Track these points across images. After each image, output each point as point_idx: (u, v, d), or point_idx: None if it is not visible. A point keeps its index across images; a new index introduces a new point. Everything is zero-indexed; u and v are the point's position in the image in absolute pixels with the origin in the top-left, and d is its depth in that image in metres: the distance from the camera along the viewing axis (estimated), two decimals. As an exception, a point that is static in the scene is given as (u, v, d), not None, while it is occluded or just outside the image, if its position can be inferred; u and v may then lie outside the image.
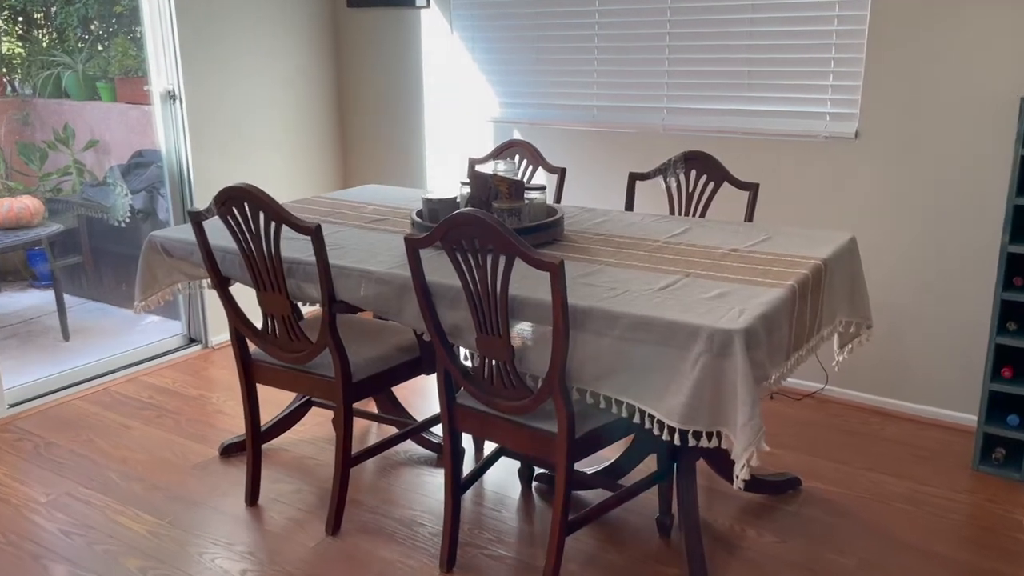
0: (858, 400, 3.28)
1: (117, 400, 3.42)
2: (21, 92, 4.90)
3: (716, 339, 1.77)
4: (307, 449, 3.01)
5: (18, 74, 4.98)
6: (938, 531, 2.46)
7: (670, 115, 3.48)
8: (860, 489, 2.70)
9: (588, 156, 3.69)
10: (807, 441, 3.01)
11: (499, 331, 1.99)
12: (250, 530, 2.50)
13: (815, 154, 3.18)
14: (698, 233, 2.54)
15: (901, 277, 3.10)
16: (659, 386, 1.86)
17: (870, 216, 3.12)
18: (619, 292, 2.00)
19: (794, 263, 2.20)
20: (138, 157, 4.59)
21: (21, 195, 4.38)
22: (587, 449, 2.08)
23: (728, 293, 1.98)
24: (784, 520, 2.53)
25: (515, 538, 2.46)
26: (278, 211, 2.22)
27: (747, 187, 2.84)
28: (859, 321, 2.46)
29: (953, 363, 3.05)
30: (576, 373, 1.96)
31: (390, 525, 2.52)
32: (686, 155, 2.92)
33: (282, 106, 4.16)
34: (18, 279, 5.13)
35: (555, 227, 2.46)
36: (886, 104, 3.01)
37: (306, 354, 2.40)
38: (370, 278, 2.24)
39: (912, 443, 2.98)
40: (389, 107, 4.29)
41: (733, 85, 3.32)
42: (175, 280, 2.72)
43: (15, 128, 4.84)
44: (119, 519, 2.56)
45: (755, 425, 1.75)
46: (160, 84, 3.72)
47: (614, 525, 2.51)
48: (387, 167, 4.39)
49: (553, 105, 3.76)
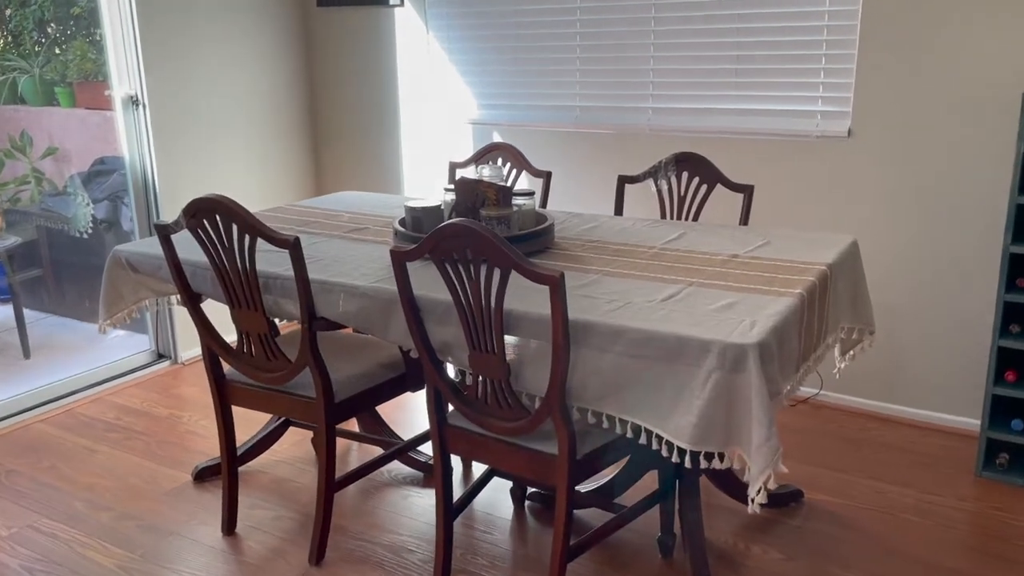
0: (855, 405, 3.20)
1: (82, 422, 3.24)
2: (-26, 98, 4.68)
3: (729, 354, 1.66)
4: (286, 471, 2.86)
5: (-29, 79, 4.76)
6: (945, 543, 2.38)
7: (656, 115, 3.38)
8: (863, 499, 2.61)
9: (571, 158, 3.58)
10: (805, 450, 2.92)
11: (493, 348, 1.86)
12: (227, 562, 2.35)
13: (807, 154, 3.09)
14: (694, 238, 2.43)
15: (898, 278, 3.02)
16: (667, 405, 1.75)
17: (865, 216, 3.04)
18: (620, 304, 1.88)
19: (799, 269, 2.10)
20: (100, 165, 4.39)
21: (-25, 207, 4.17)
22: (589, 470, 1.96)
23: (736, 303, 1.87)
24: (789, 535, 2.44)
25: (509, 563, 2.33)
26: (252, 223, 2.07)
27: (742, 189, 2.74)
28: (862, 327, 2.37)
29: (953, 366, 2.98)
30: (577, 392, 1.85)
31: (377, 552, 2.38)
32: (677, 156, 2.82)
33: (251, 111, 3.99)
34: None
35: (546, 235, 2.34)
36: (880, 101, 2.92)
37: (285, 374, 2.26)
38: (353, 293, 2.10)
39: (913, 449, 2.90)
40: (363, 110, 4.15)
41: (721, 84, 3.22)
42: (142, 297, 2.56)
43: (-32, 136, 4.62)
44: (87, 553, 2.40)
45: (772, 446, 1.64)
46: (121, 89, 3.54)
47: (614, 546, 2.39)
48: (362, 172, 4.24)
49: (534, 106, 3.65)
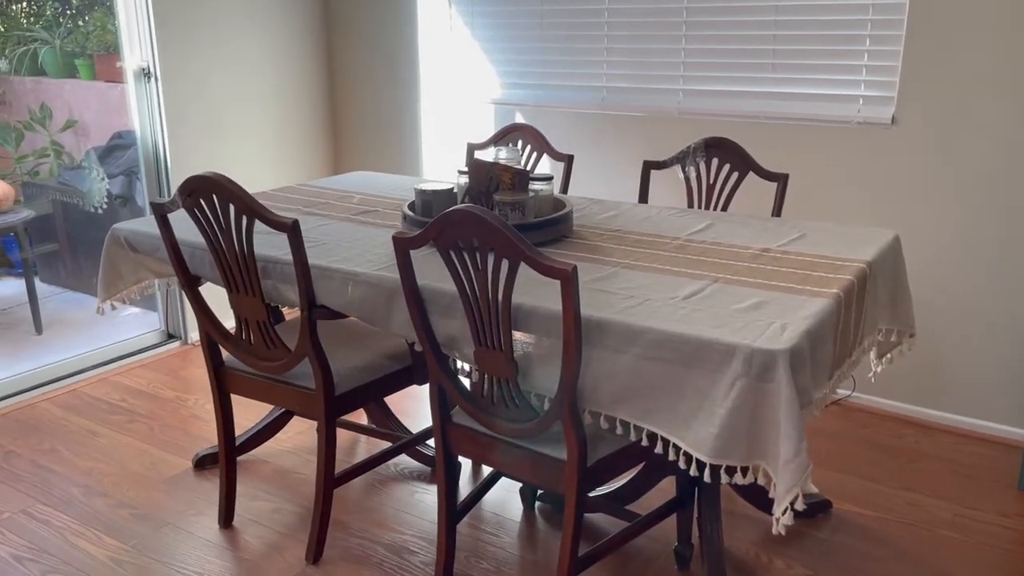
0: (890, 409, 3.02)
1: (86, 403, 3.16)
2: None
3: (756, 361, 1.51)
4: (289, 461, 2.75)
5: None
6: (984, 562, 2.21)
7: (687, 97, 3.20)
8: (897, 512, 2.45)
9: (596, 142, 3.41)
10: (834, 456, 2.76)
11: (500, 344, 1.73)
12: (223, 557, 2.25)
13: (847, 141, 2.90)
14: (722, 229, 2.27)
15: (942, 276, 2.83)
16: (686, 413, 1.61)
17: (908, 210, 2.85)
18: (638, 301, 1.73)
19: (835, 267, 1.93)
20: (117, 139, 4.31)
21: (-11, 179, 4.11)
22: (600, 478, 1.83)
23: (765, 303, 1.72)
24: (815, 549, 2.28)
25: (517, 569, 2.21)
26: (250, 204, 1.95)
27: (775, 178, 2.57)
28: (901, 329, 2.20)
29: (998, 371, 2.79)
30: (589, 394, 1.71)
31: (378, 552, 2.27)
32: (707, 141, 2.65)
33: (268, 85, 3.87)
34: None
35: (563, 223, 2.20)
36: (927, 87, 2.72)
37: (284, 363, 2.14)
38: (355, 280, 1.98)
39: (952, 459, 2.72)
40: (383, 88, 4.01)
41: (757, 65, 3.04)
42: (141, 277, 2.46)
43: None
44: (78, 543, 2.31)
45: (802, 462, 1.49)
46: (133, 60, 3.44)
47: (626, 555, 2.26)
48: (381, 152, 4.11)
49: (559, 86, 3.48)
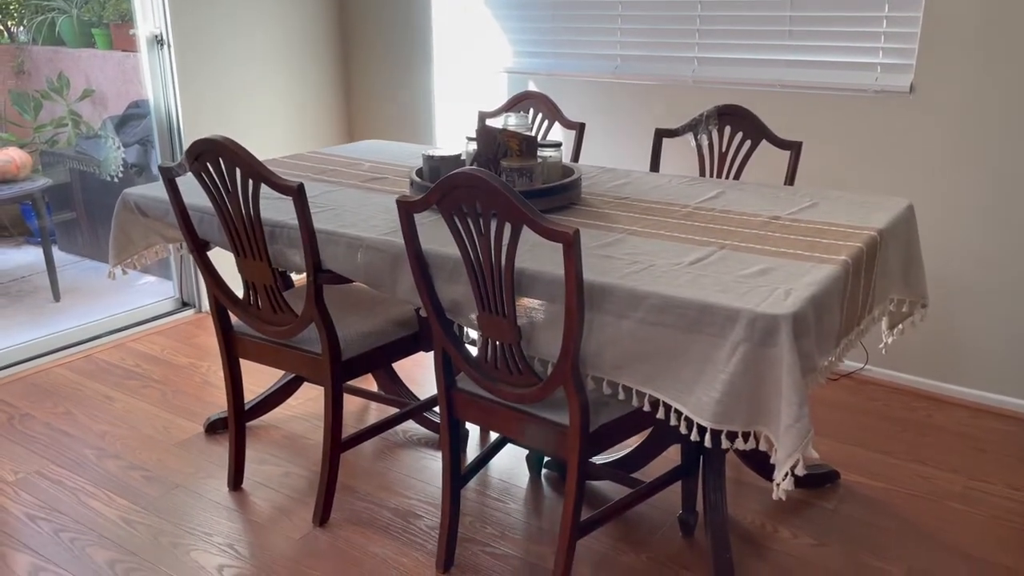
0: (903, 382, 2.99)
1: (101, 368, 3.20)
2: (16, 38, 4.64)
3: (759, 325, 1.49)
4: (299, 426, 2.78)
5: (13, 19, 4.71)
6: (997, 536, 2.20)
7: (701, 66, 3.16)
8: (906, 484, 2.43)
9: (609, 110, 3.38)
10: (845, 428, 2.74)
11: (504, 309, 1.72)
12: (231, 519, 2.28)
13: (864, 110, 2.85)
14: (733, 197, 2.24)
15: (959, 248, 2.79)
16: (688, 378, 1.60)
17: (926, 179, 2.80)
18: (643, 267, 1.72)
19: (846, 234, 1.91)
20: (134, 108, 4.32)
21: (7, 147, 4.14)
22: (602, 444, 1.82)
23: (771, 269, 1.70)
24: (821, 519, 2.28)
25: (522, 534, 2.22)
26: (256, 167, 1.95)
27: (789, 146, 2.53)
28: (913, 300, 2.17)
29: (1014, 344, 2.75)
30: (592, 360, 1.70)
31: (384, 516, 2.29)
32: (720, 109, 2.62)
33: (281, 53, 3.86)
34: (13, 235, 4.92)
35: (571, 189, 2.18)
36: (948, 54, 2.67)
37: (290, 328, 2.15)
38: (360, 245, 1.97)
39: (965, 433, 2.70)
40: (397, 56, 3.98)
41: (773, 32, 2.98)
42: (152, 242, 2.47)
43: (8, 76, 4.59)
44: (91, 503, 2.35)
45: (802, 428, 1.48)
46: (146, 28, 3.44)
47: (631, 522, 2.26)
48: (394, 120, 4.09)
49: (572, 54, 3.44)
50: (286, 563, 2.10)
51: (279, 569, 2.08)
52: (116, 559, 2.12)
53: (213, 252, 2.28)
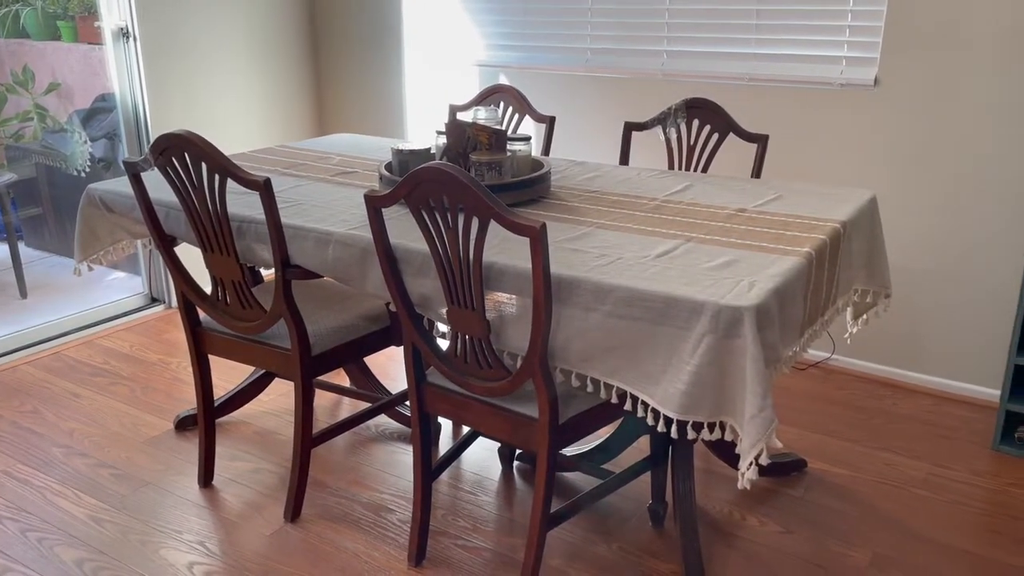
0: (869, 371, 3.04)
1: (69, 365, 3.17)
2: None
3: (723, 317, 1.51)
4: (270, 422, 2.77)
5: (-25, 12, 4.63)
6: (958, 521, 2.25)
7: (670, 59, 3.18)
8: (871, 472, 2.47)
9: (580, 103, 3.39)
10: (812, 417, 2.78)
11: (472, 303, 1.73)
12: (202, 516, 2.27)
13: (829, 103, 2.89)
14: (700, 190, 2.27)
15: (922, 239, 2.83)
16: (654, 370, 1.61)
17: (889, 172, 2.84)
18: (610, 260, 1.73)
19: (809, 226, 1.93)
20: (101, 101, 4.26)
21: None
22: (572, 436, 1.84)
23: (735, 261, 1.72)
24: (789, 506, 2.31)
25: (493, 526, 2.23)
26: (222, 162, 1.94)
27: (755, 139, 2.56)
28: (877, 290, 2.21)
29: (976, 334, 2.80)
30: (560, 353, 1.71)
31: (356, 511, 2.29)
32: (688, 103, 2.64)
33: (249, 46, 3.83)
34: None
35: (540, 183, 2.19)
36: (911, 48, 2.71)
37: (259, 324, 2.14)
38: (328, 240, 1.97)
39: (928, 420, 2.75)
40: (367, 49, 3.96)
41: (740, 26, 3.01)
42: (118, 238, 2.45)
43: (-29, 70, 4.51)
44: (58, 502, 2.33)
45: (766, 418, 1.50)
46: (112, 20, 3.39)
47: (601, 513, 2.28)
48: (365, 114, 4.07)
49: (543, 48, 3.45)
50: (257, 559, 2.10)
51: (250, 566, 2.07)
52: (84, 558, 2.10)
53: (180, 247, 2.26)
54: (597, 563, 2.08)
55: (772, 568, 2.06)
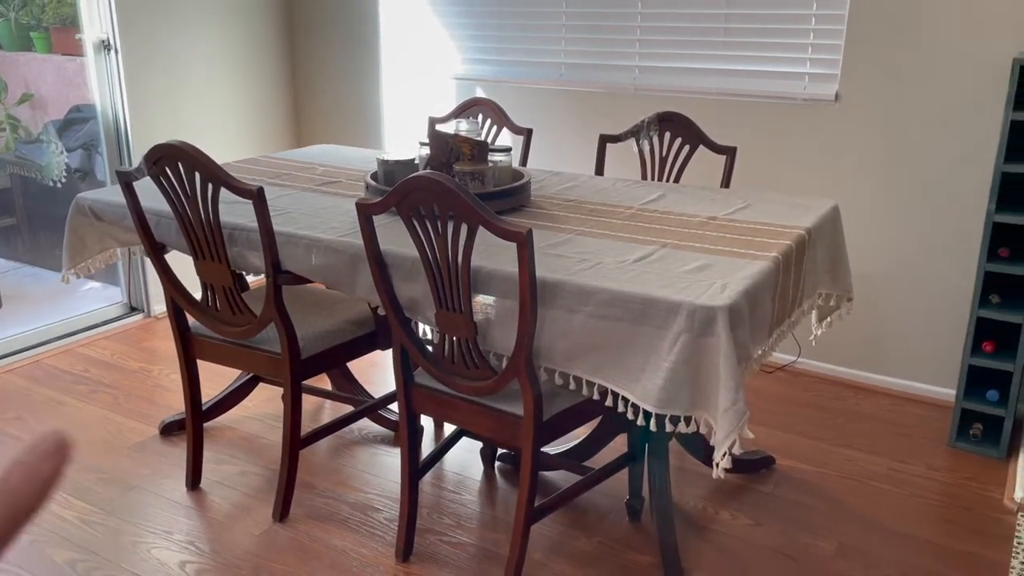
0: (833, 374, 3.18)
1: (50, 374, 3.19)
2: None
3: (698, 316, 1.62)
4: (254, 427, 2.82)
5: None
6: (917, 512, 2.37)
7: (642, 74, 3.30)
8: (836, 468, 2.59)
9: (555, 116, 3.50)
10: (780, 416, 2.90)
11: (460, 306, 1.82)
12: (191, 517, 2.32)
13: (794, 117, 3.03)
14: (673, 199, 2.38)
15: (881, 247, 2.98)
16: (634, 367, 1.71)
17: (850, 183, 2.99)
18: (591, 264, 1.83)
19: (776, 233, 2.05)
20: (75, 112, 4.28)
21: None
22: (555, 433, 1.93)
23: (708, 266, 1.83)
24: (759, 501, 2.42)
25: (477, 523, 2.31)
26: (215, 172, 2.01)
27: (724, 151, 2.68)
28: (840, 294, 2.33)
29: (933, 336, 2.95)
30: (544, 352, 1.80)
31: (343, 510, 2.36)
32: (660, 116, 2.75)
33: (229, 58, 3.88)
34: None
35: (521, 192, 2.28)
36: (869, 65, 2.86)
37: (249, 328, 2.21)
38: (319, 247, 2.04)
39: (889, 419, 2.88)
40: (345, 61, 4.04)
41: (709, 43, 3.15)
42: (107, 246, 2.49)
43: (-58, 80, 4.50)
44: (47, 506, 2.36)
45: (739, 410, 1.61)
46: (93, 33, 3.43)
47: (581, 509, 2.37)
48: (343, 126, 4.15)
49: (519, 62, 3.56)
50: (248, 557, 2.15)
51: (241, 564, 2.13)
52: (77, 559, 2.14)
53: (168, 255, 2.32)
54: (578, 556, 2.17)
55: (743, 559, 2.17)
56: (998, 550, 2.21)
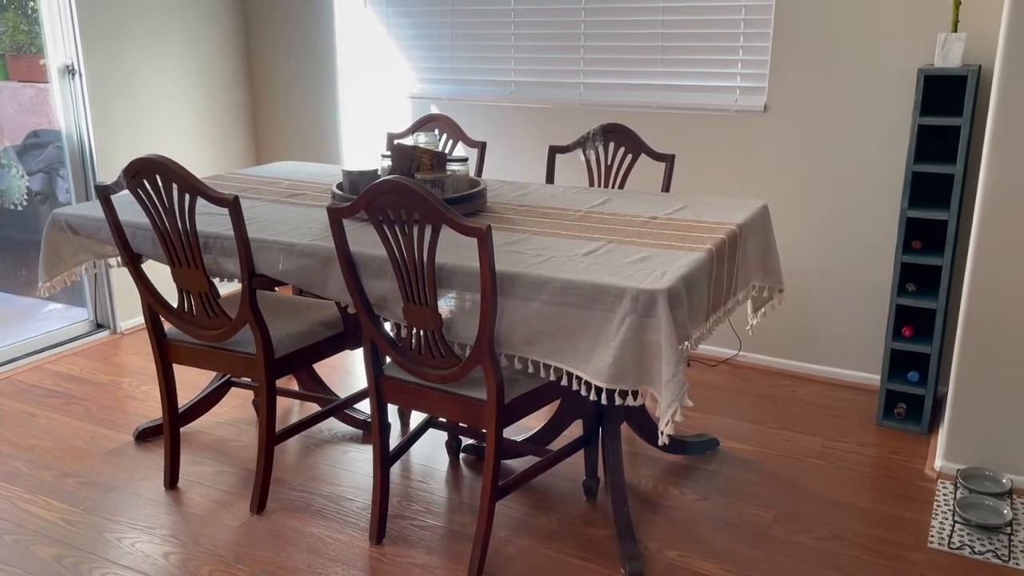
0: (771, 364, 3.41)
1: (20, 388, 3.26)
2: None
3: (641, 299, 1.81)
4: (227, 431, 2.93)
5: None
6: (848, 483, 2.59)
7: (587, 90, 3.52)
8: (775, 447, 2.81)
9: (507, 131, 3.70)
10: (724, 404, 3.11)
11: (427, 301, 1.99)
12: (171, 513, 2.43)
13: (727, 126, 3.28)
14: (618, 203, 2.58)
15: (809, 244, 3.23)
16: (586, 348, 1.90)
17: (779, 185, 3.24)
18: (545, 258, 2.02)
19: (711, 229, 2.27)
20: (34, 138, 4.34)
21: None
22: (516, 415, 2.10)
23: (650, 257, 2.03)
24: (704, 479, 2.62)
25: (445, 508, 2.46)
26: (192, 183, 2.15)
27: (663, 158, 2.90)
28: (771, 285, 2.55)
29: (859, 325, 3.20)
30: (505, 339, 1.98)
31: (317, 502, 2.49)
32: (604, 128, 2.97)
33: (190, 80, 4.01)
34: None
35: (478, 198, 2.46)
36: (792, 79, 3.12)
37: (225, 331, 2.34)
38: (291, 251, 2.20)
39: (822, 403, 3.12)
40: (302, 82, 4.20)
41: (647, 60, 3.38)
42: (81, 259, 2.61)
43: None
44: (29, 508, 2.45)
45: (679, 381, 1.80)
46: (57, 58, 3.54)
47: (542, 491, 2.54)
48: (302, 144, 4.30)
49: (471, 80, 3.76)
50: (229, 547, 2.27)
51: (223, 553, 2.25)
52: (62, 554, 2.24)
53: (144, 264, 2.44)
54: (539, 532, 2.34)
55: (691, 528, 2.36)
56: (920, 512, 2.44)
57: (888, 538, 2.31)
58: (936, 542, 2.29)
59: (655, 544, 2.29)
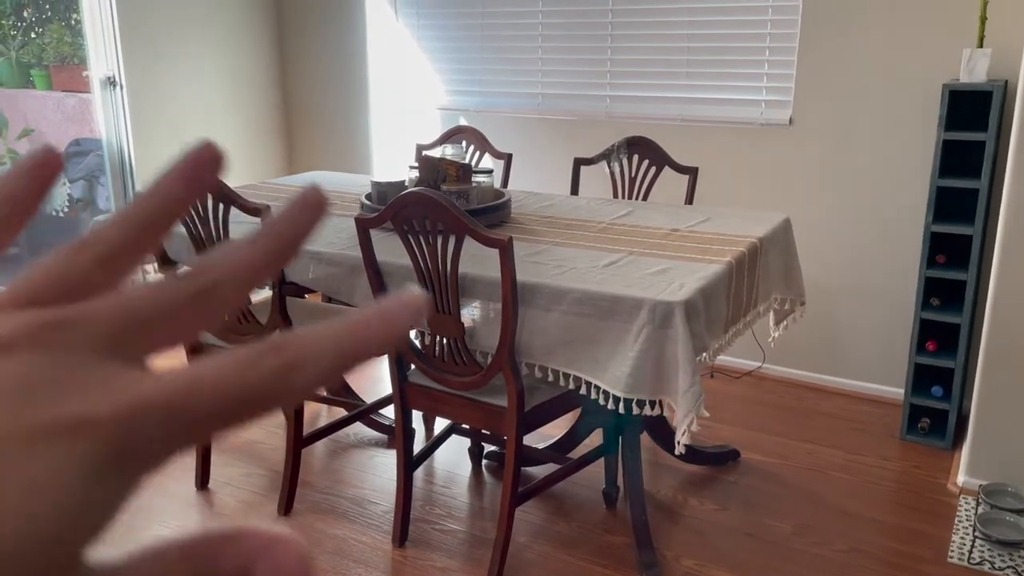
0: (794, 377, 3.42)
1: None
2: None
3: (658, 311, 1.85)
4: (257, 434, 3.01)
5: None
6: (869, 496, 2.60)
7: (613, 103, 3.57)
8: (796, 459, 2.82)
9: (533, 143, 3.75)
10: (746, 416, 3.13)
11: (450, 309, 2.04)
12: (202, 512, 2.51)
13: (751, 140, 3.30)
14: (641, 215, 2.62)
15: (833, 257, 3.23)
16: (604, 358, 1.94)
17: (803, 198, 3.25)
18: (565, 269, 2.06)
19: (731, 241, 2.29)
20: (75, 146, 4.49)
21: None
22: (536, 422, 2.15)
23: (669, 269, 2.06)
24: (724, 489, 2.64)
25: (466, 513, 2.51)
26: (226, 192, 2.23)
27: (687, 171, 2.93)
28: (793, 298, 2.57)
29: (883, 339, 3.20)
30: (525, 348, 2.03)
31: (342, 504, 2.55)
32: (628, 140, 3.01)
33: (226, 92, 4.12)
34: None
35: (503, 209, 2.52)
36: (818, 93, 3.13)
37: (256, 336, 2.42)
38: (320, 259, 2.26)
39: (845, 416, 3.12)
40: (334, 94, 4.29)
41: (673, 73, 3.42)
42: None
43: (-56, 117, 4.70)
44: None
45: (696, 391, 1.83)
46: (99, 70, 3.66)
47: (561, 498, 2.58)
48: (333, 155, 4.39)
49: (499, 92, 3.82)
50: (256, 546, 2.34)
51: (250, 552, 2.32)
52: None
53: (182, 271, 2.53)
54: (558, 539, 2.38)
55: (709, 537, 2.38)
56: (941, 527, 2.43)
57: (907, 552, 2.32)
58: (956, 557, 2.29)
59: (672, 553, 2.32)
